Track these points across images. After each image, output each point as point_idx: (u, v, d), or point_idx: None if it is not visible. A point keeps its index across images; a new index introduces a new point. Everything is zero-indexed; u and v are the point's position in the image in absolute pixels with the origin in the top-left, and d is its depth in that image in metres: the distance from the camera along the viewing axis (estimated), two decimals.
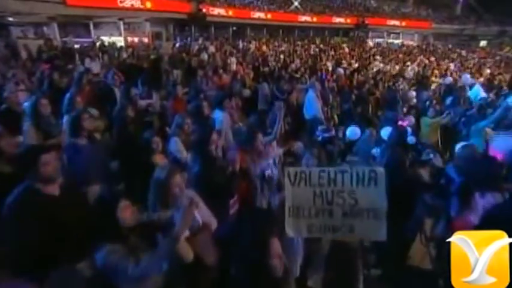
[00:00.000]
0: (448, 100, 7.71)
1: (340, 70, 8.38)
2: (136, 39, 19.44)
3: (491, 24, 33.20)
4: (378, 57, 15.64)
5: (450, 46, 28.26)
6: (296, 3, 29.31)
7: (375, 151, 4.49)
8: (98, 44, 14.00)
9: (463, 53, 21.64)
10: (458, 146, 3.62)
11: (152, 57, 11.46)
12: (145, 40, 19.40)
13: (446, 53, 21.77)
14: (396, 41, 32.95)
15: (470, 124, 5.58)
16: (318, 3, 32.76)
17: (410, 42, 32.17)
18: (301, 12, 29.39)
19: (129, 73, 8.26)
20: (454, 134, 5.91)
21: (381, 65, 12.03)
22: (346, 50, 22.12)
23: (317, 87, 5.97)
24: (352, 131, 4.64)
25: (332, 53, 18.36)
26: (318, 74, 8.44)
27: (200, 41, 20.42)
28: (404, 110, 6.87)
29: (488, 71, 14.87)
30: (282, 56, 14.43)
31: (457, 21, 34.76)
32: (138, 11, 19.32)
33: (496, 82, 11.08)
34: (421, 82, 8.81)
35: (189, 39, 21.21)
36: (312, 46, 22.71)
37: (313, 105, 5.88)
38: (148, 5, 19.36)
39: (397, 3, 36.97)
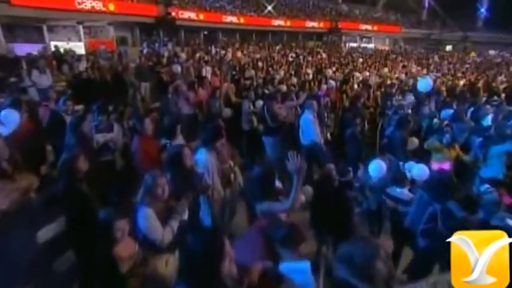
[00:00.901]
0: (444, 114, 7.19)
1: (332, 83, 7.63)
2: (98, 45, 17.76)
3: (455, 29, 34.67)
4: (360, 61, 15.22)
5: (422, 51, 28.94)
6: (269, 8, 28.74)
7: (400, 191, 3.70)
8: (51, 51, 12.37)
9: (436, 58, 21.97)
10: None
11: (113, 65, 10.15)
12: (109, 46, 17.74)
13: (420, 58, 22.02)
14: (369, 45, 33.41)
15: (488, 147, 4.99)
16: (290, 7, 32.54)
17: (383, 47, 32.73)
18: (275, 16, 28.85)
19: (87, 90, 7.03)
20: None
21: (367, 73, 11.49)
22: (324, 55, 21.77)
23: (314, 107, 5.12)
24: (378, 168, 3.77)
25: (310, 58, 17.80)
26: (307, 87, 7.64)
27: (170, 47, 19.15)
28: None
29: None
30: (260, 64, 13.55)
31: (424, 26, 35.93)
32: (99, 14, 17.72)
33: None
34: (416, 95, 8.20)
35: (156, 44, 19.80)
36: (288, 51, 22.21)
37: (311, 129, 5.02)
38: (111, 7, 17.81)
39: (367, 8, 37.66)
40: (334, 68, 13.54)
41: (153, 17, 20.50)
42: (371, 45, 33.48)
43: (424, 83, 6.73)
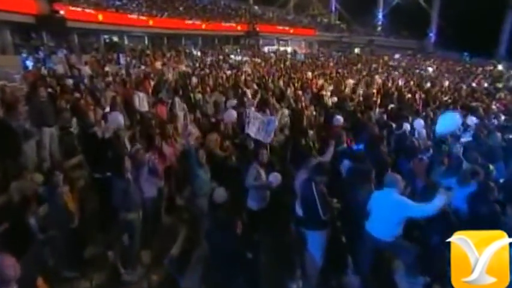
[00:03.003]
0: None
1: (340, 119, 5.88)
2: None
3: (362, 34, 38.01)
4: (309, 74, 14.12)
5: (337, 52, 30.50)
6: (181, 8, 26.03)
7: None
8: None
9: (359, 65, 22.81)
10: None
11: None
12: None
13: (347, 64, 22.68)
14: (288, 49, 33.69)
15: None
16: (201, 7, 30.47)
17: (300, 50, 33.38)
18: (189, 18, 26.30)
19: None
20: None
21: (330, 89, 10.13)
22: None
23: (400, 183, 3.37)
24: None
25: (247, 69, 16.14)
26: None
27: (61, 56, 14.92)
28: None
29: (400, 82, 15.13)
30: (194, 80, 11.15)
31: (335, 29, 38.33)
32: None
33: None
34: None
35: (41, 53, 15.29)
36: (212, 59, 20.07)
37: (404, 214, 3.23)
38: None
39: (279, 10, 38.21)
40: (281, 82, 12.07)
41: (32, 15, 15.81)
42: (289, 48, 33.88)
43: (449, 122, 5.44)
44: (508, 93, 15.40)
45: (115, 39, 22.80)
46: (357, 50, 37.00)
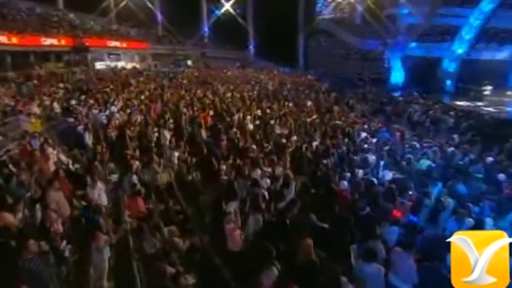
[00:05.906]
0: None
1: (345, 183, 5.72)
2: None
3: (193, 47, 39.68)
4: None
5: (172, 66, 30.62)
6: None
7: None
8: None
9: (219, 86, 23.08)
10: None
11: None
12: None
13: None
14: (119, 64, 31.19)
15: None
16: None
17: (135, 65, 31.60)
18: None
19: None
20: None
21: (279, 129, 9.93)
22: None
23: None
24: None
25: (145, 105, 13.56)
26: None
27: None
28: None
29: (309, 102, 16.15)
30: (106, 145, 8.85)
31: (167, 42, 38.20)
32: None
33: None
34: None
35: None
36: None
37: None
38: None
39: (100, 20, 34.56)
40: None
41: None
42: (121, 63, 31.49)
43: None
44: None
45: None
46: (189, 62, 38.34)
